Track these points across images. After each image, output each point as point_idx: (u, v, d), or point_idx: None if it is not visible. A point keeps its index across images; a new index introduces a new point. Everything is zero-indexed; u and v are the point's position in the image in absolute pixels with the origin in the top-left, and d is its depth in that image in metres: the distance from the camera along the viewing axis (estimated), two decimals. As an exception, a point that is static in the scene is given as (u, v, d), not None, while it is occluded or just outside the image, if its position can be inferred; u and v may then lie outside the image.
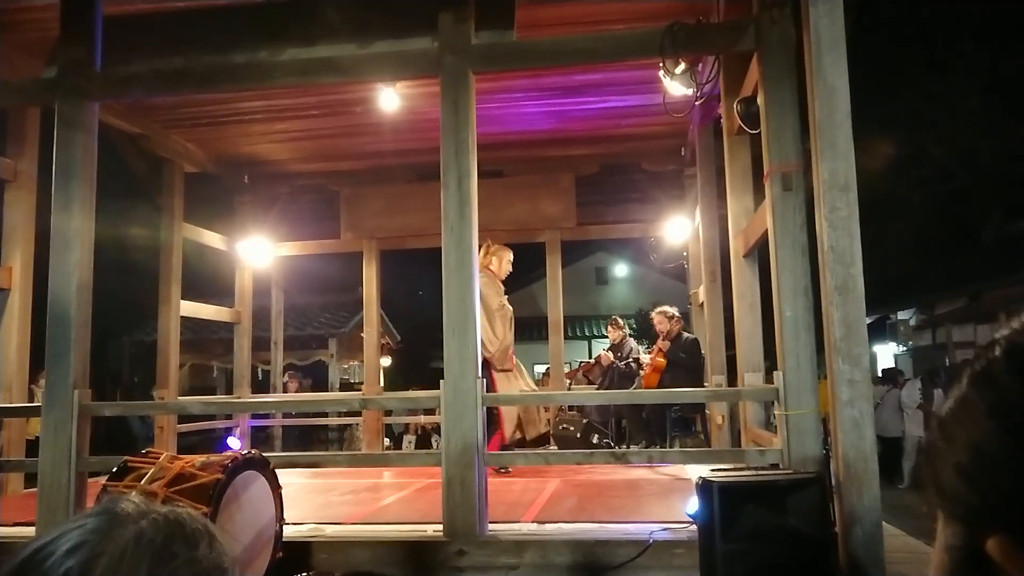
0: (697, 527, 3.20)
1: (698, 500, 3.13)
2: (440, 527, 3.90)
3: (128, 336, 15.97)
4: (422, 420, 11.02)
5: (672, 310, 7.33)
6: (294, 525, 4.01)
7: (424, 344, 20.08)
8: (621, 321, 8.50)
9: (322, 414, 10.35)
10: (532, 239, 8.30)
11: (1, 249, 5.72)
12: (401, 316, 18.46)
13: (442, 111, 4.20)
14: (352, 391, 12.84)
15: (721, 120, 5.36)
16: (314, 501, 5.25)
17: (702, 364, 6.96)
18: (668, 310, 7.33)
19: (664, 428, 6.84)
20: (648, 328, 16.22)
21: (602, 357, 8.14)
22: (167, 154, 7.11)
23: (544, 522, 4.18)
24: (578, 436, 6.93)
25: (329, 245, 8.79)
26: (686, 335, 7.21)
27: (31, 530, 4.13)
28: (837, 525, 3.35)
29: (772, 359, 4.09)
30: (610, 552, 3.64)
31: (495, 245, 6.59)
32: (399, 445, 12.12)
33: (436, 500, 4.00)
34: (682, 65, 4.22)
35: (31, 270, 5.71)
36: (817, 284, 3.64)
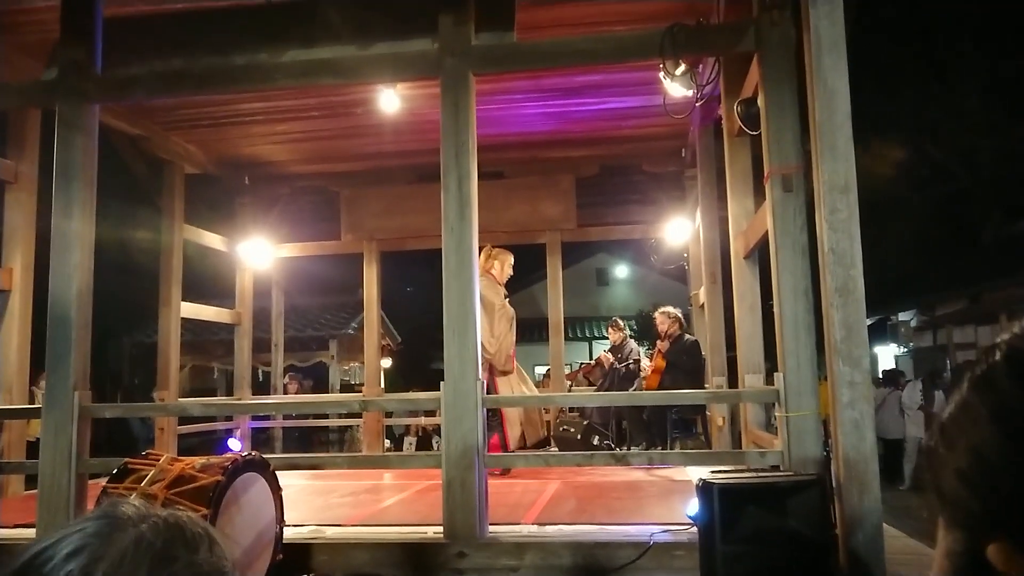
0: (697, 529, 3.20)
1: (698, 502, 3.13)
2: (440, 529, 3.90)
3: (128, 337, 15.98)
4: (423, 421, 11.01)
5: (675, 311, 7.33)
6: (294, 527, 4.01)
7: (424, 345, 20.10)
8: (622, 322, 8.50)
9: (322, 416, 10.34)
10: (532, 240, 8.30)
11: (1, 250, 5.72)
12: (401, 317, 18.46)
13: (442, 112, 4.20)
14: (353, 392, 12.84)
15: (721, 121, 5.36)
16: (314, 503, 5.25)
17: (702, 366, 6.96)
18: (670, 310, 7.33)
19: (665, 430, 6.83)
20: (649, 329, 16.25)
21: (602, 358, 8.14)
22: (167, 155, 7.11)
23: (544, 524, 4.18)
24: (579, 438, 6.93)
25: (329, 246, 8.79)
26: (687, 337, 7.20)
27: (31, 532, 4.13)
28: (838, 527, 3.35)
29: (773, 360, 4.09)
30: (610, 554, 3.64)
31: (496, 249, 6.58)
32: (400, 447, 12.13)
33: (436, 502, 4.00)
34: (682, 66, 4.21)
35: (32, 271, 5.71)
36: (817, 285, 3.64)
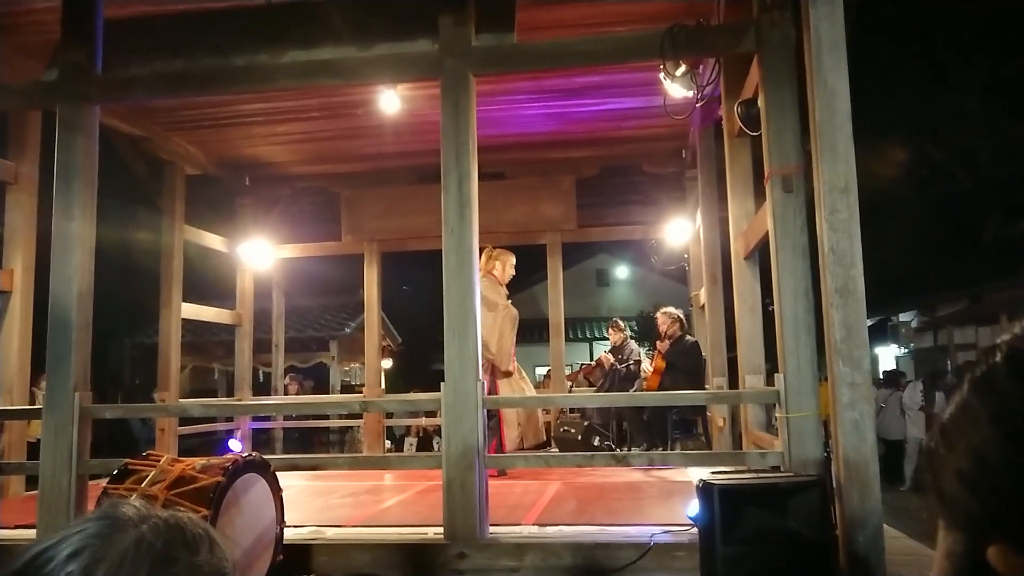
0: (698, 530, 3.20)
1: (699, 503, 3.13)
2: (441, 530, 3.90)
3: (129, 338, 15.98)
4: (423, 422, 11.01)
5: (676, 311, 7.32)
6: (294, 528, 4.01)
7: (425, 346, 20.10)
8: (622, 323, 8.50)
9: (323, 416, 10.34)
10: (533, 241, 8.30)
11: (2, 252, 5.72)
12: (402, 318, 18.46)
13: (442, 113, 4.20)
14: (353, 393, 12.84)
15: (722, 122, 5.36)
16: (315, 503, 5.25)
17: (702, 367, 6.95)
18: (672, 311, 7.33)
19: (665, 430, 6.83)
20: (649, 330, 16.25)
21: (603, 359, 8.15)
22: (168, 156, 7.11)
23: (545, 525, 4.18)
24: (579, 438, 6.93)
25: (330, 247, 8.79)
26: (688, 338, 7.20)
27: (32, 533, 4.14)
28: (838, 528, 3.35)
29: (773, 361, 4.08)
30: (611, 555, 3.64)
31: (497, 249, 6.57)
32: (400, 447, 12.13)
33: (437, 503, 4.00)
34: (682, 67, 4.21)
35: (32, 273, 5.72)
36: (818, 286, 3.64)
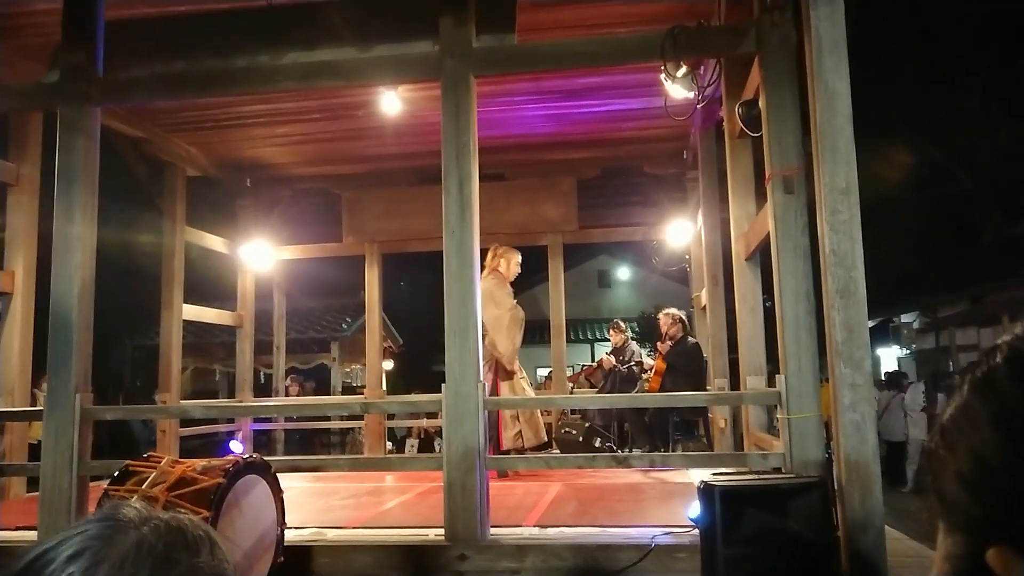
0: (699, 531, 3.19)
1: (700, 504, 3.13)
2: (442, 531, 3.90)
3: (130, 340, 15.99)
4: (425, 424, 11.01)
5: (678, 313, 7.32)
6: (295, 529, 4.00)
7: (426, 347, 20.10)
8: (623, 324, 8.50)
9: (324, 418, 10.35)
10: (534, 242, 8.30)
11: (4, 253, 5.73)
12: (403, 319, 18.46)
13: (443, 115, 4.20)
14: (354, 394, 12.84)
15: (723, 123, 5.35)
16: (315, 505, 5.25)
17: (702, 368, 6.95)
18: (674, 312, 7.32)
19: (666, 432, 6.82)
20: (650, 331, 16.25)
21: (604, 360, 8.15)
22: (169, 158, 7.12)
23: (546, 526, 4.18)
24: (580, 440, 6.93)
25: (331, 248, 8.79)
26: (689, 339, 7.19)
27: (33, 534, 4.14)
28: (839, 529, 3.34)
29: (774, 362, 4.08)
30: (612, 556, 3.64)
31: (502, 247, 6.58)
32: (402, 448, 12.14)
33: (438, 504, 4.00)
34: (683, 68, 4.21)
35: (33, 274, 5.72)
36: (819, 287, 3.63)
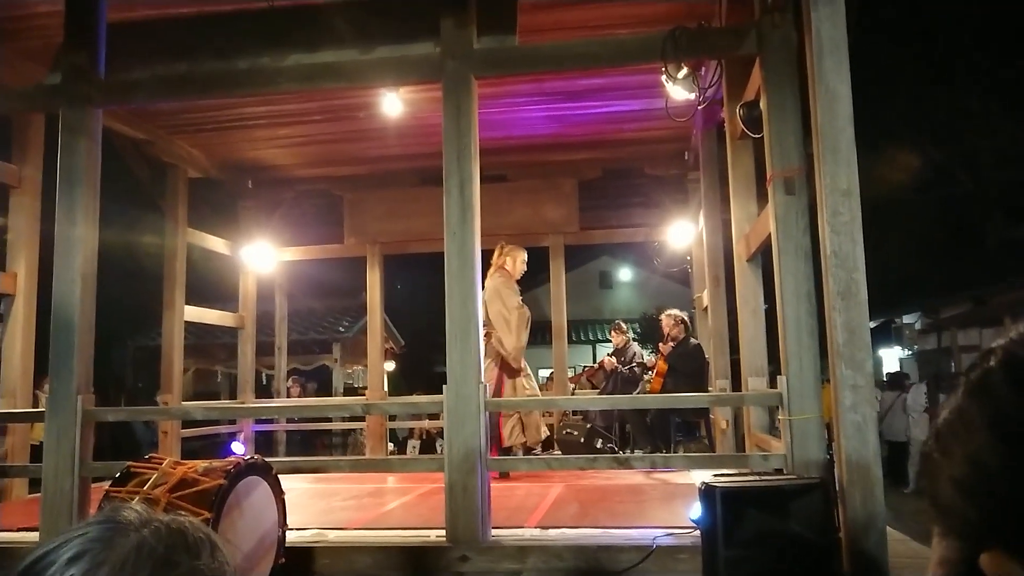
0: (700, 532, 3.19)
1: (701, 505, 3.13)
2: (443, 532, 3.90)
3: (132, 341, 16.00)
4: (426, 425, 11.00)
5: (681, 314, 7.31)
6: (297, 530, 4.01)
7: (427, 348, 20.09)
8: (624, 325, 8.49)
9: (325, 419, 10.35)
10: (535, 244, 8.28)
11: (6, 255, 5.74)
12: (404, 320, 18.46)
13: (444, 116, 4.20)
14: (356, 396, 12.84)
15: (724, 124, 5.35)
16: (317, 506, 5.26)
17: (703, 370, 6.94)
18: (676, 313, 7.32)
19: (668, 433, 6.82)
20: (652, 332, 16.23)
21: (605, 362, 8.14)
22: (171, 159, 7.13)
23: (547, 527, 4.18)
24: (581, 441, 6.93)
25: (332, 250, 8.80)
26: (692, 340, 7.19)
27: (34, 536, 4.14)
28: (841, 530, 3.34)
29: (776, 364, 4.08)
30: (613, 557, 3.64)
31: (509, 245, 6.60)
32: (403, 450, 12.12)
33: (439, 505, 4.00)
34: (684, 69, 4.21)
35: (35, 275, 5.73)
36: (820, 288, 3.63)
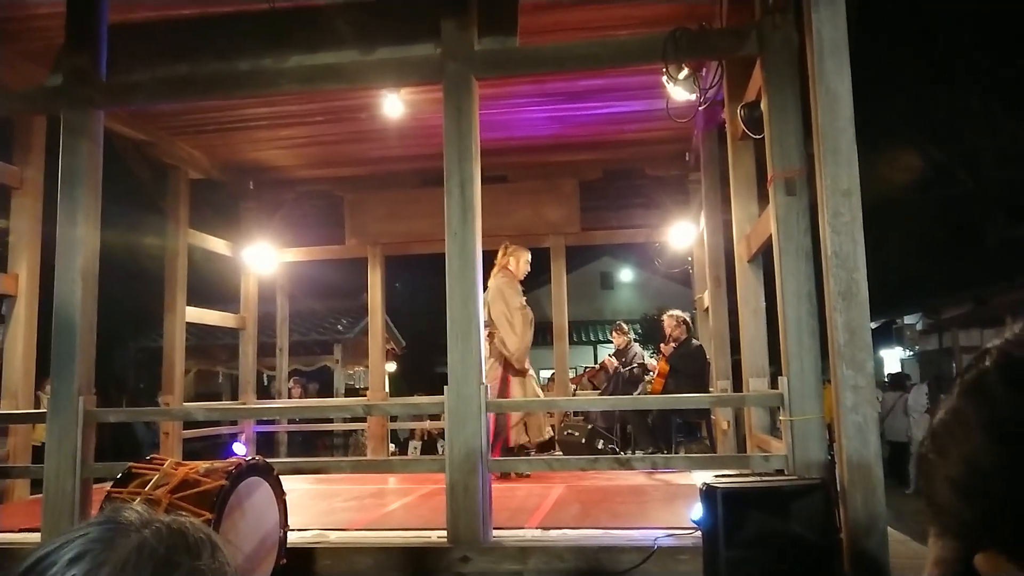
0: (702, 533, 3.19)
1: (702, 506, 3.13)
2: (444, 533, 3.90)
3: (134, 342, 16.00)
4: (427, 425, 11.00)
5: (683, 315, 7.32)
6: (298, 531, 4.01)
7: (428, 349, 20.09)
8: (626, 326, 8.50)
9: (327, 420, 10.35)
10: (536, 245, 8.27)
11: (7, 256, 5.75)
12: (405, 321, 18.47)
13: (445, 117, 4.20)
14: (357, 396, 12.84)
15: (725, 125, 5.36)
16: (318, 507, 5.26)
17: (705, 371, 6.94)
18: (678, 314, 7.32)
19: (669, 434, 6.82)
20: (653, 333, 16.24)
21: (607, 362, 8.14)
22: (172, 161, 7.13)
23: (548, 528, 4.18)
24: (583, 442, 6.93)
25: (334, 251, 8.81)
26: (693, 341, 7.19)
27: (36, 536, 4.15)
28: (842, 531, 3.34)
29: (777, 364, 4.08)
30: (614, 558, 3.64)
31: (512, 246, 6.60)
32: (405, 451, 12.13)
33: (440, 506, 4.00)
34: (685, 70, 4.21)
35: (37, 277, 5.74)
36: (821, 289, 3.63)
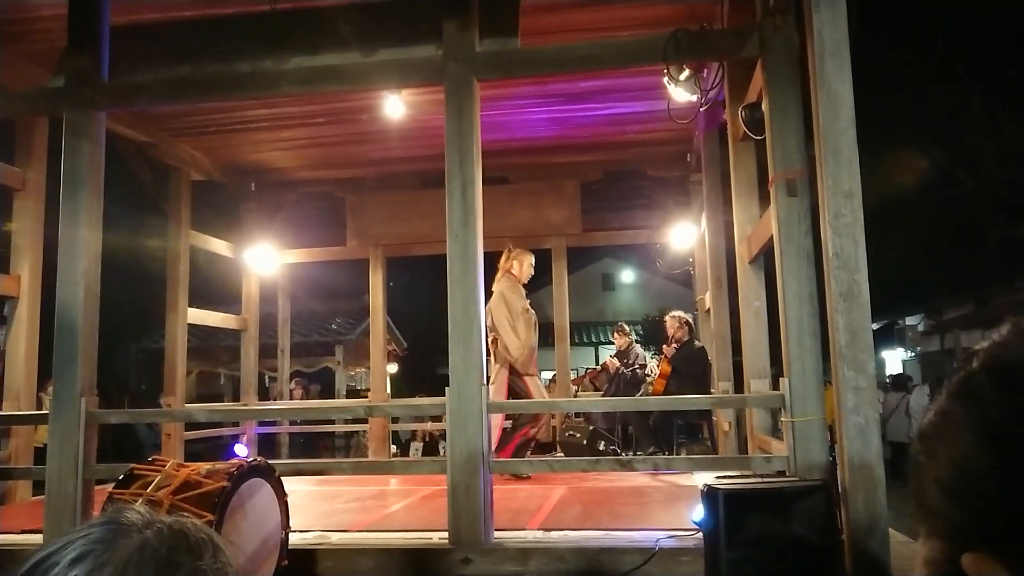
0: (703, 535, 3.19)
1: (704, 507, 3.13)
2: (445, 535, 3.90)
3: (135, 343, 16.01)
4: (429, 427, 11.00)
5: (685, 316, 7.31)
6: (299, 532, 4.01)
7: (430, 350, 20.09)
8: (627, 327, 8.50)
9: (328, 421, 10.36)
10: (537, 246, 8.27)
11: (10, 257, 5.76)
12: (407, 322, 18.47)
13: (446, 119, 4.21)
14: (359, 398, 12.85)
15: (726, 126, 5.36)
16: (319, 508, 5.26)
17: (706, 372, 6.94)
18: (680, 315, 7.31)
19: (671, 435, 6.82)
20: (655, 334, 16.24)
21: (608, 364, 8.14)
22: (174, 162, 7.15)
23: (550, 529, 4.18)
24: (584, 443, 6.93)
25: (335, 252, 8.81)
26: (696, 343, 7.18)
27: (38, 538, 4.15)
28: (843, 532, 3.34)
29: (778, 365, 4.08)
30: (616, 559, 3.63)
31: (516, 249, 6.58)
32: (406, 452, 12.12)
33: (441, 507, 4.00)
34: (686, 71, 4.21)
35: (39, 278, 5.75)
36: (822, 290, 3.63)
